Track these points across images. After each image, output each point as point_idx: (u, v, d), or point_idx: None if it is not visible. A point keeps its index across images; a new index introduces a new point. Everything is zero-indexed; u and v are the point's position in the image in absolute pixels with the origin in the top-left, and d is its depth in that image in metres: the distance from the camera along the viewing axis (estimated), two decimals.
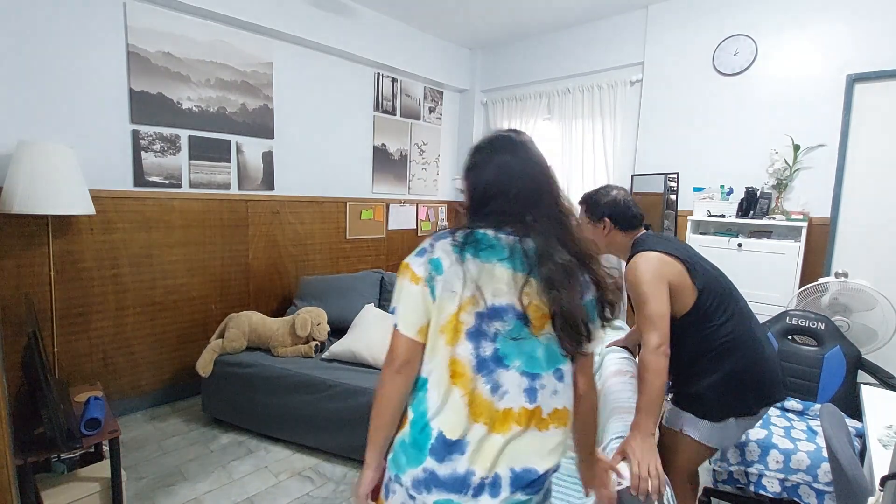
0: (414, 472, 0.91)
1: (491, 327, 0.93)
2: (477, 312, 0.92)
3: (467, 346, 0.92)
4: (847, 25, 2.63)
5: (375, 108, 3.97)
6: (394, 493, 0.96)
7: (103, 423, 1.78)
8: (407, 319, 0.96)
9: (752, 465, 1.81)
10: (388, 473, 0.99)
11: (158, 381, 2.86)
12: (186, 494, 2.08)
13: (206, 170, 2.94)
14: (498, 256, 0.94)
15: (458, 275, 0.92)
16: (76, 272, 2.48)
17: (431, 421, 0.92)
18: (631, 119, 3.56)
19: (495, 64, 4.47)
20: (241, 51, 3.04)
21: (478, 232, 0.96)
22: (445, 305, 0.93)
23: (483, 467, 0.90)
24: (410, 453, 0.93)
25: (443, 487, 0.89)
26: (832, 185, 2.68)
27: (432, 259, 0.95)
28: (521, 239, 0.95)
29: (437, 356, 0.94)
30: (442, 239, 0.97)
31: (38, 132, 2.32)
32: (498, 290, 0.93)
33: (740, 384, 1.42)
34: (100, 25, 2.47)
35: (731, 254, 2.82)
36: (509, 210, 0.97)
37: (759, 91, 2.94)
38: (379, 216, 4.09)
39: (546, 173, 1.03)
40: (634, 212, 1.58)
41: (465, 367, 0.92)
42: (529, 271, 0.93)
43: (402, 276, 0.98)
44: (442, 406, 0.92)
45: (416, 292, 0.95)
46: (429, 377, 0.95)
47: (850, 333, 2.29)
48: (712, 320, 1.42)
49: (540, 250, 0.94)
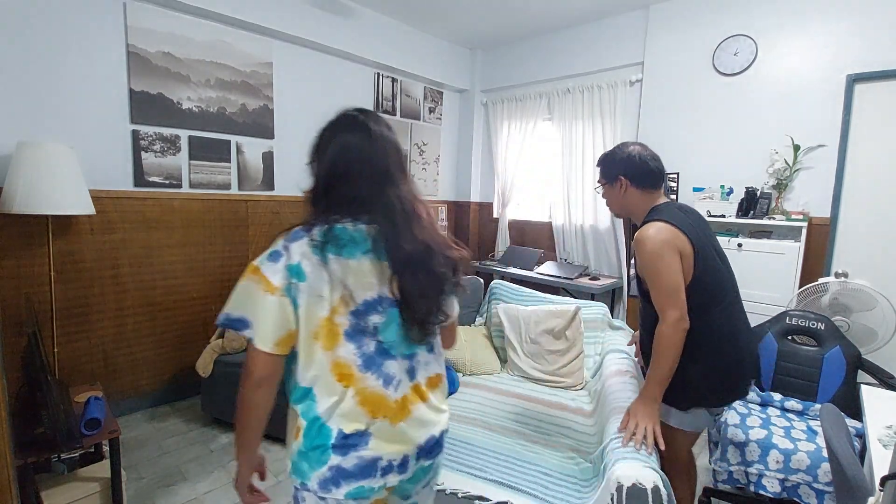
0: (319, 473, 0.90)
1: (369, 323, 0.92)
2: (351, 312, 0.91)
3: (349, 348, 0.91)
4: (847, 25, 2.63)
5: (375, 108, 3.97)
6: (304, 501, 0.95)
7: (103, 423, 1.78)
8: (263, 334, 0.88)
9: (752, 465, 1.81)
10: (293, 487, 0.97)
11: (158, 381, 2.86)
12: (186, 494, 2.08)
13: (206, 170, 2.94)
14: (361, 250, 0.92)
15: (323, 279, 0.89)
16: (76, 272, 2.48)
17: (328, 422, 0.91)
18: (631, 119, 3.56)
19: (495, 64, 4.47)
20: (241, 51, 3.04)
21: (336, 227, 0.92)
22: (314, 311, 0.90)
23: (390, 452, 0.93)
24: (312, 457, 0.91)
25: (351, 478, 0.91)
26: (832, 185, 2.68)
27: (290, 266, 0.89)
28: (378, 227, 0.93)
29: (315, 363, 0.91)
30: (299, 239, 0.91)
31: (38, 132, 2.32)
32: (368, 283, 0.92)
33: (711, 381, 1.41)
34: (100, 25, 2.47)
35: (731, 254, 2.78)
36: (357, 195, 0.94)
37: (759, 91, 2.94)
38: None
39: (396, 153, 0.98)
40: (652, 166, 1.47)
41: (352, 367, 0.91)
42: (390, 259, 0.92)
43: (255, 284, 0.89)
44: (336, 406, 0.91)
45: (272, 303, 0.88)
46: (313, 385, 0.92)
47: (850, 333, 2.29)
48: (696, 312, 1.37)
49: (395, 237, 0.92)
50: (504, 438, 1.84)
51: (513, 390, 2.28)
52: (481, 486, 1.53)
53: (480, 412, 2.02)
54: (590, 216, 3.82)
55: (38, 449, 1.62)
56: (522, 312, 2.61)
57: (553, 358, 2.44)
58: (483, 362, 2.50)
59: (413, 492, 1.06)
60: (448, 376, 2.31)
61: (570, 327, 2.48)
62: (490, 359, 2.55)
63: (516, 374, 2.47)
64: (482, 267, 4.14)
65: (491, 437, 1.84)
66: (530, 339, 2.52)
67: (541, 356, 2.46)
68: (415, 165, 4.38)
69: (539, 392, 2.28)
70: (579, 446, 1.81)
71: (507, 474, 1.61)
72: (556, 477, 1.62)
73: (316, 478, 0.91)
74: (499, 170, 4.48)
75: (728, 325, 1.43)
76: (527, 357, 2.49)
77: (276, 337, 0.89)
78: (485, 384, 2.32)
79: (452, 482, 1.55)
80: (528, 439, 1.84)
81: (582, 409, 2.12)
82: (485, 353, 2.56)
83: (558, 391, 2.31)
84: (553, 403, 2.17)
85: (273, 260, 0.91)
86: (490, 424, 1.93)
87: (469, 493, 1.50)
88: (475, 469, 1.63)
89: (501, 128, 4.43)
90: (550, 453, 1.76)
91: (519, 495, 1.50)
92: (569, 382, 2.36)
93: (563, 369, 2.39)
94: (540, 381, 2.39)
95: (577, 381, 2.37)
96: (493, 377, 2.44)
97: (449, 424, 1.06)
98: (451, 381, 2.25)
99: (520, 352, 2.52)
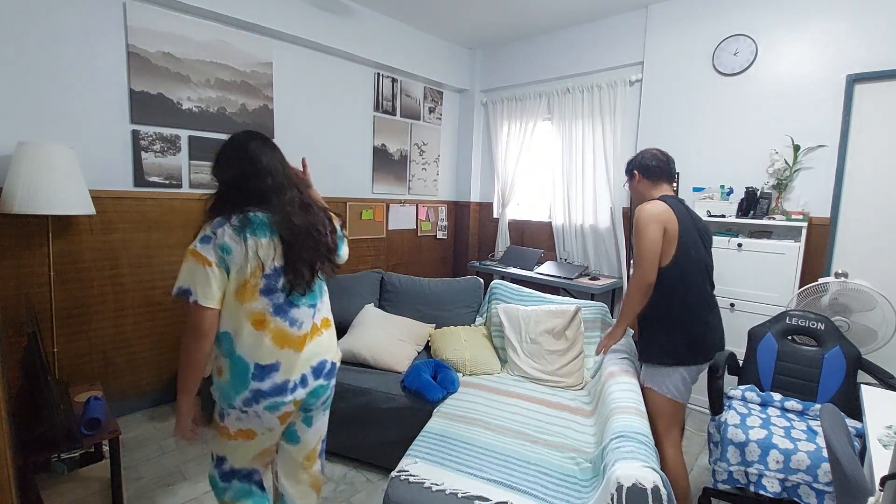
0: (243, 395, 1.27)
1: (278, 283, 1.28)
2: (264, 275, 1.26)
3: (262, 301, 1.27)
4: (847, 25, 2.63)
5: (375, 109, 3.97)
6: (228, 415, 1.32)
7: (103, 423, 1.78)
8: (207, 294, 1.21)
9: (752, 465, 1.81)
10: (218, 408, 1.33)
11: (158, 381, 2.86)
12: (186, 494, 2.08)
13: (206, 170, 2.94)
14: (267, 232, 1.27)
15: (243, 252, 1.23)
16: (76, 272, 2.48)
17: (247, 358, 1.26)
18: (631, 119, 3.56)
19: (495, 64, 4.47)
20: (241, 51, 3.04)
21: (249, 215, 1.26)
22: (239, 276, 1.24)
23: (295, 374, 1.32)
24: (236, 384, 1.27)
25: (268, 396, 1.28)
26: (832, 185, 2.68)
27: (220, 244, 1.22)
28: (273, 216, 1.28)
29: (237, 314, 1.26)
30: (221, 226, 1.23)
31: (38, 132, 2.32)
32: (273, 255, 1.27)
33: (682, 345, 1.79)
34: (100, 25, 2.47)
35: (731, 254, 2.82)
36: (259, 194, 1.29)
37: (758, 91, 2.94)
38: (379, 216, 4.10)
39: (281, 165, 1.36)
40: (653, 163, 1.90)
41: (265, 314, 1.27)
42: (283, 237, 1.28)
43: (194, 262, 1.21)
44: (254, 346, 1.26)
45: (210, 273, 1.21)
46: (234, 331, 1.26)
47: (850, 333, 2.29)
48: (674, 287, 1.76)
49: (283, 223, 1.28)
50: (504, 438, 1.84)
51: (513, 390, 2.27)
52: (481, 486, 1.53)
53: (480, 412, 2.02)
54: (590, 216, 3.82)
55: (38, 449, 1.62)
56: (522, 312, 2.61)
57: (553, 358, 2.44)
58: (483, 362, 2.50)
59: (314, 406, 1.43)
60: (448, 376, 2.32)
61: (570, 327, 2.48)
62: (490, 359, 2.55)
63: (516, 374, 2.47)
64: (482, 267, 4.13)
65: (491, 437, 1.84)
66: (530, 339, 2.52)
67: (541, 356, 2.46)
68: (415, 165, 4.38)
69: (539, 392, 2.27)
70: (579, 446, 1.80)
71: (507, 474, 1.61)
72: (556, 477, 1.61)
73: (240, 399, 1.27)
74: (499, 170, 4.48)
75: (698, 303, 1.80)
76: (527, 357, 2.49)
77: (217, 296, 1.23)
78: (485, 384, 2.32)
79: (452, 482, 1.55)
80: (528, 439, 1.84)
81: (582, 409, 2.12)
82: (485, 353, 2.56)
83: (558, 391, 2.31)
84: (553, 403, 2.16)
85: (205, 243, 1.22)
86: (490, 424, 1.93)
87: (469, 493, 1.49)
88: (475, 469, 1.63)
89: (501, 128, 4.43)
90: (550, 453, 1.76)
91: (519, 495, 1.50)
92: (569, 382, 2.36)
93: (563, 369, 2.39)
94: (540, 381, 2.39)
95: (577, 381, 2.37)
96: (493, 377, 2.43)
97: (340, 359, 1.50)
98: (452, 381, 2.25)
99: (520, 352, 2.52)
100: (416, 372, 2.29)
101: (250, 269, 1.23)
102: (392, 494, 1.54)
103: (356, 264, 3.92)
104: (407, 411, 2.17)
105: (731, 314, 2.83)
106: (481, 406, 2.08)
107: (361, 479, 2.24)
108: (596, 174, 3.76)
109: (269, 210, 1.28)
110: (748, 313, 2.76)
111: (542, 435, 1.88)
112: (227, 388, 1.28)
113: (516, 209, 4.52)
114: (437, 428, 1.90)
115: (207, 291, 1.21)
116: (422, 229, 4.51)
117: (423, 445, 1.78)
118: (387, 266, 4.19)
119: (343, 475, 2.26)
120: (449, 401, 2.14)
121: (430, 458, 1.69)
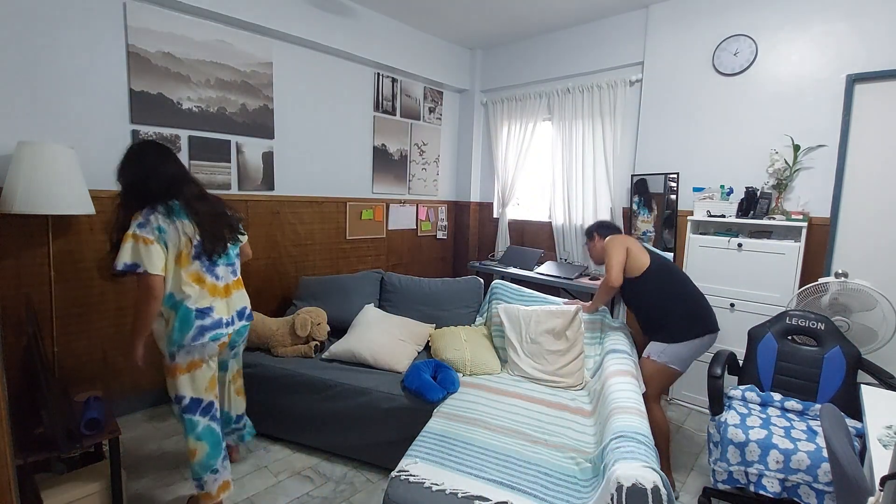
0: (190, 333, 1.71)
1: (203, 250, 1.75)
2: (193, 246, 1.73)
3: (195, 264, 1.75)
4: (847, 25, 2.63)
5: (375, 109, 3.97)
6: (178, 354, 1.73)
7: (103, 423, 1.78)
8: (155, 265, 1.62)
9: (752, 465, 1.81)
10: (168, 353, 1.75)
11: (158, 381, 2.85)
12: (186, 494, 2.08)
13: (206, 170, 2.94)
14: (184, 215, 1.72)
15: (174, 231, 1.68)
16: (76, 272, 2.48)
17: (190, 304, 1.71)
18: (631, 119, 3.56)
19: (495, 64, 4.48)
20: (241, 51, 3.04)
21: (170, 203, 1.70)
22: (174, 249, 1.69)
23: (227, 314, 1.85)
24: (183, 327, 1.71)
25: (211, 329, 1.76)
26: (832, 185, 2.68)
27: (156, 227, 1.64)
28: (183, 203, 1.73)
29: (178, 277, 1.71)
30: (152, 214, 1.65)
31: (38, 132, 2.32)
32: (194, 232, 1.72)
33: (688, 319, 2.19)
34: (100, 25, 2.47)
35: (731, 254, 2.82)
36: (171, 188, 1.71)
37: (759, 91, 2.94)
38: (379, 216, 4.10)
39: (181, 166, 1.82)
40: (608, 223, 2.65)
41: (200, 273, 1.76)
42: (192, 219, 1.73)
43: (136, 242, 1.60)
44: (194, 296, 1.73)
45: (153, 248, 1.62)
46: (176, 290, 1.71)
47: (850, 333, 2.29)
48: (660, 288, 2.24)
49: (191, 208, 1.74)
50: (504, 438, 1.84)
51: (513, 390, 2.27)
52: (481, 486, 1.53)
53: (480, 412, 2.02)
54: (590, 216, 3.81)
55: (38, 449, 1.62)
56: (523, 312, 2.61)
57: (553, 358, 2.44)
58: (483, 362, 2.50)
59: (238, 343, 2.02)
60: (448, 376, 2.33)
61: (571, 327, 2.48)
62: (490, 359, 2.55)
63: (516, 374, 2.47)
64: (482, 267, 4.13)
65: (491, 437, 1.84)
66: (530, 339, 2.52)
67: (541, 356, 2.46)
68: (415, 165, 4.38)
69: (539, 392, 2.27)
70: (579, 446, 1.80)
71: (507, 474, 1.61)
72: (556, 477, 1.61)
73: (188, 337, 1.71)
74: (499, 170, 4.48)
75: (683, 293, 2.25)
76: (527, 357, 2.49)
77: (160, 265, 1.64)
78: (485, 384, 2.32)
79: (452, 482, 1.55)
80: (528, 439, 1.84)
81: (582, 409, 2.12)
82: (485, 353, 2.56)
83: (558, 391, 2.31)
84: (553, 403, 2.16)
85: (142, 227, 1.63)
86: (490, 424, 1.93)
87: (469, 493, 1.49)
88: (475, 469, 1.63)
89: (501, 128, 4.43)
90: (550, 453, 1.76)
91: (519, 495, 1.50)
92: (569, 382, 2.36)
93: (564, 369, 2.39)
94: (540, 381, 2.39)
95: (578, 381, 2.37)
96: (493, 377, 2.43)
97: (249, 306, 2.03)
98: (452, 381, 2.25)
99: (520, 352, 2.52)
100: (416, 372, 2.29)
101: (182, 242, 1.69)
102: (392, 494, 1.54)
103: (356, 264, 3.92)
104: (407, 411, 2.17)
105: (731, 314, 2.83)
106: (481, 406, 2.08)
107: (361, 479, 2.24)
108: (596, 174, 3.76)
109: (179, 200, 1.72)
110: (748, 313, 2.76)
111: (543, 435, 1.88)
112: (175, 333, 1.70)
113: (516, 209, 4.52)
114: (438, 428, 1.90)
115: (154, 262, 1.61)
116: (422, 229, 4.51)
117: (424, 445, 1.78)
118: (387, 266, 4.19)
119: (343, 475, 2.26)
120: (449, 401, 2.14)
121: (430, 458, 1.69)
